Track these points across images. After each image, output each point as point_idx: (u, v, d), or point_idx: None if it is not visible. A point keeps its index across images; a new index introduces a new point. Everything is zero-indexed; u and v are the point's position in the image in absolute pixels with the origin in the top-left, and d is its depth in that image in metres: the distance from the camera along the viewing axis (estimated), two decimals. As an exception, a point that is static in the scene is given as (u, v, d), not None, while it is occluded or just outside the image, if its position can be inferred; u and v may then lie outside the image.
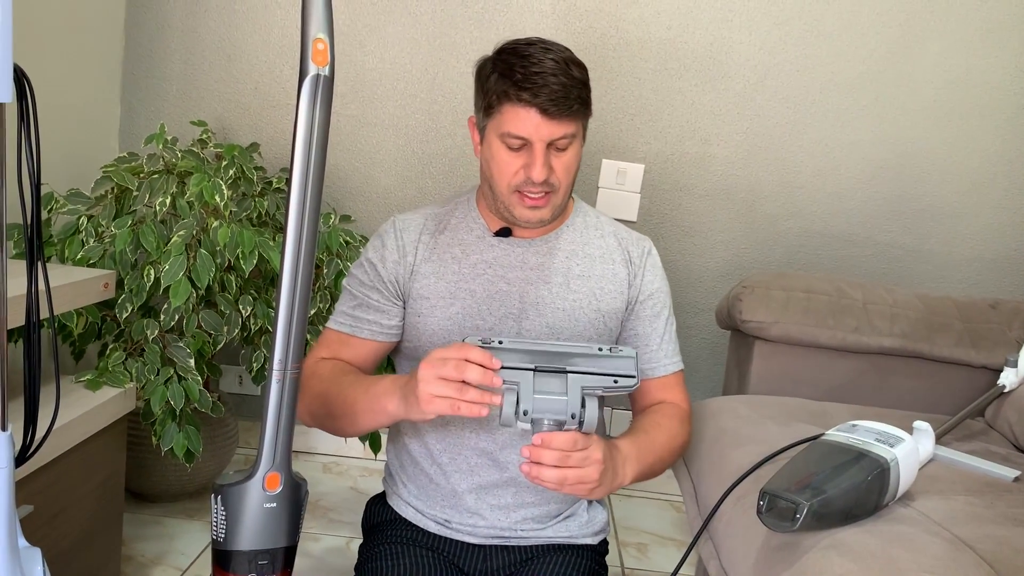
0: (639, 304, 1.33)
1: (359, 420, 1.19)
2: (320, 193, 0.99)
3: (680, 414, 1.33)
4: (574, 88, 1.18)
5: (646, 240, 1.37)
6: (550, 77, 1.16)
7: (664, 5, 2.28)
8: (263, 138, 2.33)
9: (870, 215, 2.37)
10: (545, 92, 1.15)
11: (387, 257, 1.30)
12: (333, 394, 1.22)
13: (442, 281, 1.28)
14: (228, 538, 1.03)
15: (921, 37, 2.28)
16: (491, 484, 1.28)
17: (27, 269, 0.94)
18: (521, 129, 1.18)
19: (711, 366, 2.43)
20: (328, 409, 1.23)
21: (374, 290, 1.30)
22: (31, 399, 0.97)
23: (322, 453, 2.49)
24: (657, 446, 1.25)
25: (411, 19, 2.29)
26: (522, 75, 1.16)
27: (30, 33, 1.86)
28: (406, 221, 1.33)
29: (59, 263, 1.75)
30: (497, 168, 1.22)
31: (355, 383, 1.22)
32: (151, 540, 1.91)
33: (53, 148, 1.94)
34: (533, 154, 1.19)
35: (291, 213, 0.97)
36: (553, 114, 1.17)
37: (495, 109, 1.20)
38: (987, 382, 1.78)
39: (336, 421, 1.23)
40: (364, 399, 1.17)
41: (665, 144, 2.34)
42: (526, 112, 1.17)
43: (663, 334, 1.34)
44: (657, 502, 2.45)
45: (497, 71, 1.20)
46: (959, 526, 1.09)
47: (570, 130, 1.20)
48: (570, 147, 1.22)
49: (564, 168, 1.22)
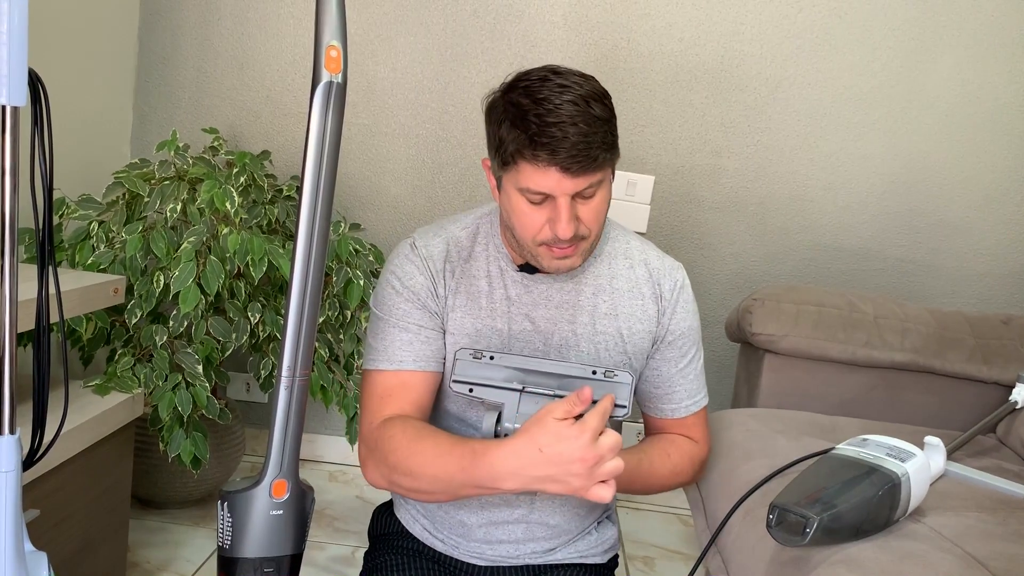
0: (666, 344, 1.23)
1: (459, 495, 1.07)
2: (331, 201, 0.99)
3: (693, 453, 1.26)
4: (596, 135, 1.04)
5: (679, 271, 1.26)
6: (569, 128, 1.02)
7: (676, 17, 2.28)
8: (274, 146, 2.33)
9: (881, 229, 2.36)
10: (564, 148, 1.02)
11: (422, 284, 1.19)
12: (417, 466, 1.08)
13: (469, 317, 1.19)
14: (234, 545, 1.03)
15: (933, 51, 2.28)
16: (501, 521, 1.24)
17: (38, 273, 0.95)
18: (542, 186, 1.06)
19: (721, 379, 2.42)
20: (415, 484, 1.09)
21: (422, 312, 1.18)
22: (40, 403, 0.97)
23: (328, 461, 2.49)
24: (653, 478, 1.20)
25: (423, 29, 2.30)
26: (537, 127, 1.03)
27: (45, 39, 1.87)
28: (429, 248, 1.21)
29: (70, 268, 1.75)
30: (519, 222, 1.11)
31: (444, 453, 1.06)
32: (157, 547, 1.91)
33: (66, 153, 1.96)
34: (557, 209, 1.07)
35: (302, 221, 0.97)
36: (576, 172, 1.04)
37: (511, 163, 1.07)
38: (999, 398, 1.77)
39: (427, 496, 1.11)
40: (465, 475, 1.03)
41: (676, 156, 2.34)
42: (545, 171, 1.04)
43: (689, 375, 1.26)
44: (665, 515, 2.44)
45: (508, 119, 1.06)
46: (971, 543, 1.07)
47: (596, 178, 1.07)
48: (598, 192, 1.10)
49: (594, 215, 1.10)
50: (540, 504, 1.23)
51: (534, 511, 1.23)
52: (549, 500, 1.24)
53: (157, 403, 1.69)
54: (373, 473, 1.15)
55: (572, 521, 1.27)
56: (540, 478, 0.98)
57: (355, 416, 1.96)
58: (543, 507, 1.23)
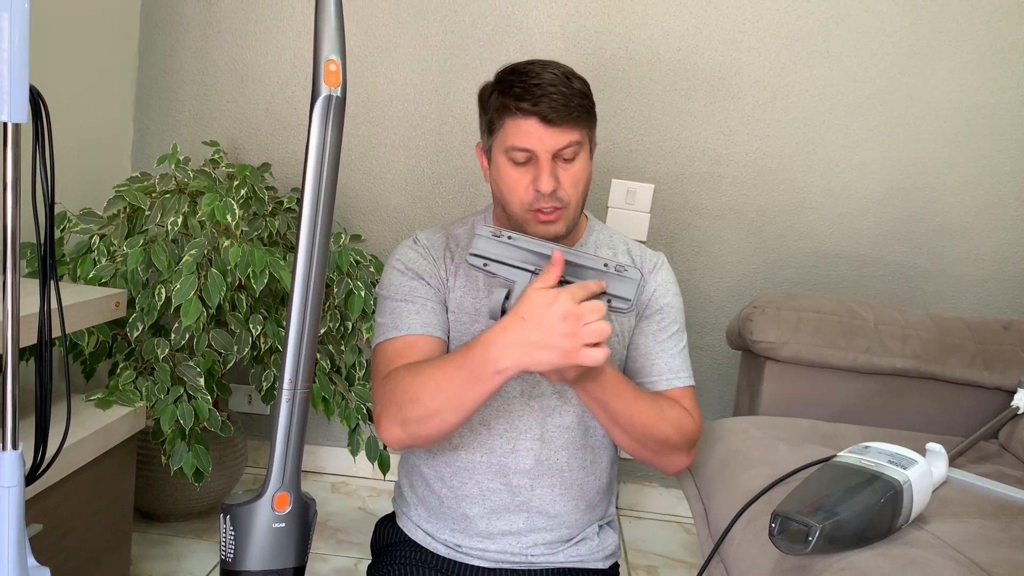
0: (645, 318, 1.29)
1: (465, 403, 1.08)
2: (331, 213, 0.99)
3: (682, 416, 1.23)
4: (574, 97, 1.17)
5: (659, 256, 1.35)
6: (549, 87, 1.15)
7: (673, 26, 2.29)
8: (275, 158, 2.34)
9: (881, 235, 2.36)
10: (545, 101, 1.15)
11: (423, 265, 1.27)
12: (420, 385, 1.11)
13: (468, 296, 1.27)
14: (237, 558, 1.02)
15: (931, 57, 2.28)
16: (502, 508, 1.26)
17: (40, 288, 0.95)
18: (524, 140, 1.17)
19: (721, 387, 2.42)
20: (423, 407, 1.11)
21: (425, 286, 1.26)
22: (42, 418, 0.97)
23: (331, 473, 2.49)
24: (640, 411, 1.17)
25: (422, 41, 2.31)
26: (521, 88, 1.16)
27: (46, 55, 1.88)
28: (430, 238, 1.31)
29: (71, 282, 1.76)
30: (507, 187, 1.21)
31: (443, 362, 1.11)
32: (160, 560, 1.90)
33: (67, 168, 1.96)
34: (539, 166, 1.17)
35: (302, 232, 0.98)
36: (554, 121, 1.15)
37: (497, 126, 1.20)
38: (1000, 403, 1.77)
39: (439, 422, 1.11)
40: (463, 371, 1.07)
41: (675, 164, 2.35)
42: (527, 122, 1.16)
43: (669, 349, 1.28)
44: (667, 524, 2.43)
45: (497, 90, 1.20)
46: (974, 550, 1.07)
47: (574, 138, 1.18)
48: (577, 159, 1.19)
49: (572, 182, 1.19)
50: (540, 491, 1.26)
51: (534, 497, 1.26)
52: (548, 486, 1.26)
53: (159, 416, 1.69)
54: (387, 423, 1.15)
55: (573, 514, 1.28)
56: (530, 347, 1.01)
57: (357, 427, 1.96)
58: (543, 493, 1.26)
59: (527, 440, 1.25)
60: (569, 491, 1.28)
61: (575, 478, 1.28)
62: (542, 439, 1.26)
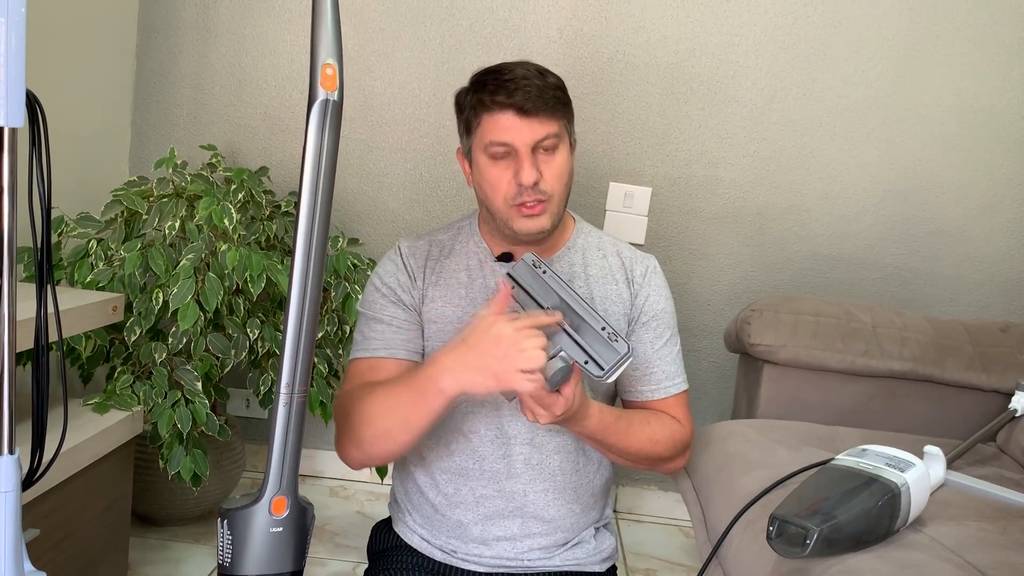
0: (641, 325, 1.30)
1: (412, 422, 1.11)
2: (328, 216, 0.99)
3: (674, 430, 1.28)
4: (548, 89, 1.18)
5: (650, 259, 1.35)
6: (522, 80, 1.17)
7: (670, 30, 2.29)
8: (272, 162, 2.34)
9: (879, 238, 2.36)
10: (519, 92, 1.16)
11: (400, 280, 1.29)
12: (372, 405, 1.15)
13: (449, 306, 1.28)
14: (234, 562, 1.02)
15: (928, 60, 2.29)
16: (497, 514, 1.26)
17: (37, 292, 0.95)
18: (502, 135, 1.17)
19: (720, 390, 2.42)
20: (375, 427, 1.14)
21: (396, 306, 1.27)
22: (39, 422, 0.97)
23: (329, 477, 2.48)
24: (631, 439, 1.22)
25: (419, 45, 2.31)
26: (495, 84, 1.18)
27: (42, 59, 1.88)
28: (412, 248, 1.32)
29: (68, 286, 1.75)
30: (489, 185, 1.20)
31: (392, 384, 1.16)
32: (157, 564, 1.90)
33: (64, 172, 1.96)
34: (520, 159, 1.17)
35: (299, 236, 0.98)
36: (531, 111, 1.16)
37: (475, 124, 1.20)
38: (998, 406, 1.77)
39: (390, 441, 1.14)
40: (409, 391, 1.11)
41: (672, 167, 2.35)
42: (504, 116, 1.17)
43: (666, 356, 1.30)
44: (666, 527, 2.43)
45: (472, 90, 1.22)
46: (971, 552, 1.07)
47: (552, 129, 1.18)
48: (557, 151, 1.20)
49: (554, 174, 1.19)
50: (533, 496, 1.26)
51: (528, 502, 1.26)
52: (542, 491, 1.26)
53: (157, 420, 1.69)
54: (345, 445, 1.19)
55: (568, 517, 1.28)
56: (467, 368, 1.04)
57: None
58: (537, 498, 1.26)
59: (518, 445, 1.25)
60: (563, 495, 1.27)
61: (569, 481, 1.28)
62: (533, 443, 1.26)
